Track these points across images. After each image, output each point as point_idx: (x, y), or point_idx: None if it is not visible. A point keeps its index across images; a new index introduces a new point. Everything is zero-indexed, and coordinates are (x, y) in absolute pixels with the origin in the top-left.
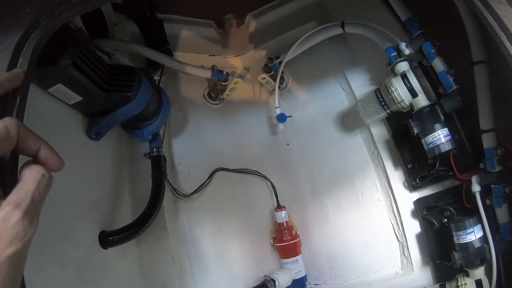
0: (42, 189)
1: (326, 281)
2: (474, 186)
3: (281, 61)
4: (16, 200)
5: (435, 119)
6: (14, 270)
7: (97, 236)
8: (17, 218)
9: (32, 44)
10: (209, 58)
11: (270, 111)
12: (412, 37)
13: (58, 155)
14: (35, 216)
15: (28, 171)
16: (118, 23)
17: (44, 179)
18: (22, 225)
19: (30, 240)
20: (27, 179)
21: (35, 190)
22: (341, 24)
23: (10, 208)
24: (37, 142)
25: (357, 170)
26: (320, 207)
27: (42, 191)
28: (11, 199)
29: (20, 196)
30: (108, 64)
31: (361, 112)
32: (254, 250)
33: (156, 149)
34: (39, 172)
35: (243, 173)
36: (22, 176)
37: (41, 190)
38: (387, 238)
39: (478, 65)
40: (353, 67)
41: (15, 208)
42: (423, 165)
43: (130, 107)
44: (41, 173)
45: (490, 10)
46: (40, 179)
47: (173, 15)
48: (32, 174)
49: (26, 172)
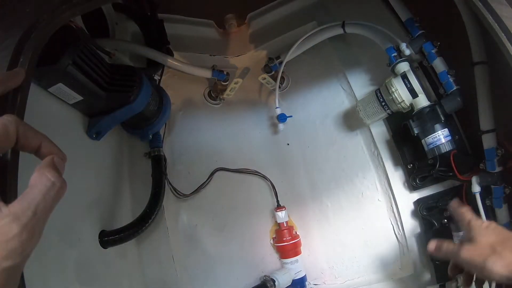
0: (50, 200)
1: (326, 281)
2: (474, 186)
3: (281, 61)
4: (17, 212)
5: (436, 120)
6: (9, 281)
7: (97, 236)
8: (15, 232)
9: (32, 44)
10: (210, 58)
11: (271, 111)
12: (413, 37)
13: (60, 150)
14: (36, 230)
15: (38, 176)
16: (118, 22)
17: (53, 188)
18: (19, 240)
19: (29, 254)
20: (35, 187)
21: (41, 201)
22: (342, 25)
23: (8, 220)
24: (38, 138)
25: (357, 170)
26: (320, 207)
27: (49, 202)
28: (12, 210)
29: (22, 208)
30: (108, 64)
31: (361, 112)
32: (254, 250)
33: (156, 149)
34: (50, 179)
35: (243, 173)
36: (31, 182)
37: (48, 201)
38: (387, 238)
39: (478, 65)
40: (353, 67)
41: (13, 221)
42: (423, 166)
43: (130, 107)
44: (51, 181)
45: (490, 11)
46: (49, 187)
47: (173, 15)
48: (42, 181)
49: (36, 177)
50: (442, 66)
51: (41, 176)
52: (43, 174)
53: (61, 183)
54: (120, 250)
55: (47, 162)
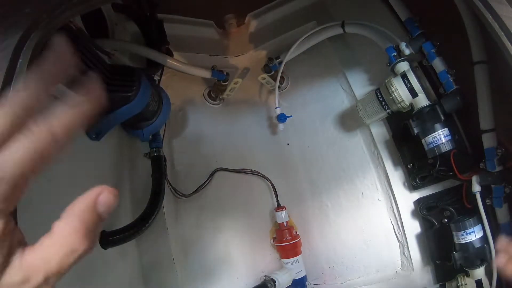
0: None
1: (326, 281)
2: (474, 186)
3: (281, 61)
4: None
5: (435, 119)
6: None
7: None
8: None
9: (32, 44)
10: (209, 58)
11: (270, 111)
12: (412, 37)
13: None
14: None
15: (63, 229)
16: (118, 23)
17: (74, 254)
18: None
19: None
20: (54, 244)
21: (54, 269)
22: (341, 24)
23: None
24: None
25: (357, 170)
26: (320, 207)
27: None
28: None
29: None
30: (108, 64)
31: (361, 112)
32: (254, 250)
33: (156, 149)
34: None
35: (243, 173)
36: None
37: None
38: (387, 238)
39: (478, 65)
40: (353, 67)
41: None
42: (423, 165)
43: (130, 107)
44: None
45: (490, 10)
46: (72, 251)
47: (173, 15)
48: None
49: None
50: (441, 65)
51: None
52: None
53: (87, 248)
54: (120, 250)
55: (84, 208)
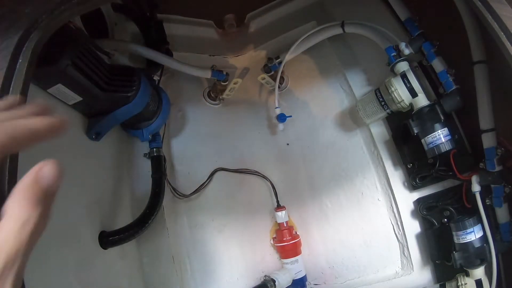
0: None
1: (326, 281)
2: (474, 186)
3: (281, 61)
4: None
5: (435, 119)
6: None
7: (97, 237)
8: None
9: (32, 44)
10: (209, 58)
11: (270, 111)
12: (412, 37)
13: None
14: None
15: (11, 207)
16: (118, 23)
17: (28, 225)
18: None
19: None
20: (7, 223)
21: (13, 246)
22: (341, 24)
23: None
24: None
25: (357, 170)
26: (320, 207)
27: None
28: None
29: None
30: (108, 65)
31: (361, 112)
32: (254, 250)
33: (156, 149)
34: (25, 212)
35: (243, 173)
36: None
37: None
38: (387, 238)
39: (478, 65)
40: (353, 67)
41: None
42: (423, 165)
43: (130, 107)
44: (26, 215)
45: (490, 10)
46: (24, 223)
47: (173, 15)
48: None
49: (9, 207)
50: (441, 65)
51: (19, 206)
52: (18, 203)
53: (39, 213)
54: (120, 250)
55: (27, 184)
